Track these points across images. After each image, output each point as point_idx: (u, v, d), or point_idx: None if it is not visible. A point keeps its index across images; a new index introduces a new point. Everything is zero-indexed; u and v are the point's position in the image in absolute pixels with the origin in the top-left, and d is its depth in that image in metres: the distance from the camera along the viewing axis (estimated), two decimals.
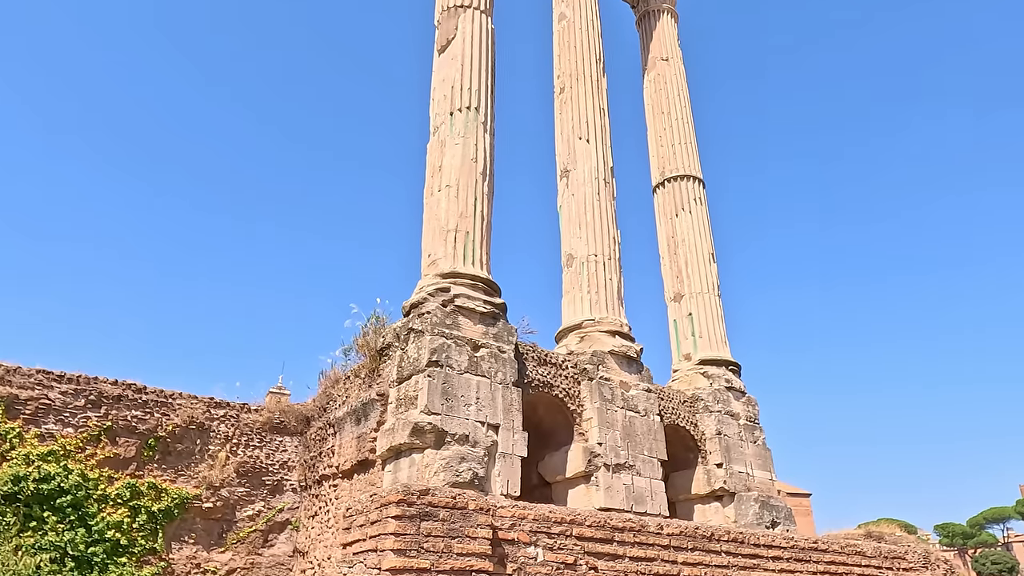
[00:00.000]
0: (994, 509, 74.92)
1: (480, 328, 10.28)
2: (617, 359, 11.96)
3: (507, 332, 10.53)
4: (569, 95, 14.30)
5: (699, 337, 14.56)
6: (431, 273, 10.68)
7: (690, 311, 14.83)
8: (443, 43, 12.47)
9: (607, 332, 12.18)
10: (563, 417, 11.30)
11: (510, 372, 10.21)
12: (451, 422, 9.21)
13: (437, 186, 11.31)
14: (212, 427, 11.30)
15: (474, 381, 9.74)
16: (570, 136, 13.96)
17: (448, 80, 12.01)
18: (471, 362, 9.84)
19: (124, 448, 10.40)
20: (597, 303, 12.48)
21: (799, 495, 49.21)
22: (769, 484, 13.47)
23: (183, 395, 11.26)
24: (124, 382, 10.78)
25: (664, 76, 16.94)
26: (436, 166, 11.51)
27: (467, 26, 12.37)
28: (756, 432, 13.90)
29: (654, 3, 17.76)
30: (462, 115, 11.66)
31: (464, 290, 10.36)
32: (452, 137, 11.51)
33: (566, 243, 13.29)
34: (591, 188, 13.34)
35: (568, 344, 12.28)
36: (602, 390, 11.32)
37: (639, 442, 11.39)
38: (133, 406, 10.66)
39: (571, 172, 13.67)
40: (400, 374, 9.77)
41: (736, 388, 14.06)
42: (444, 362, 9.53)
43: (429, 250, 11.01)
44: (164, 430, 10.79)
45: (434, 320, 9.82)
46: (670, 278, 15.48)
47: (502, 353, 10.26)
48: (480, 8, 12.64)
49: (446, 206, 11.01)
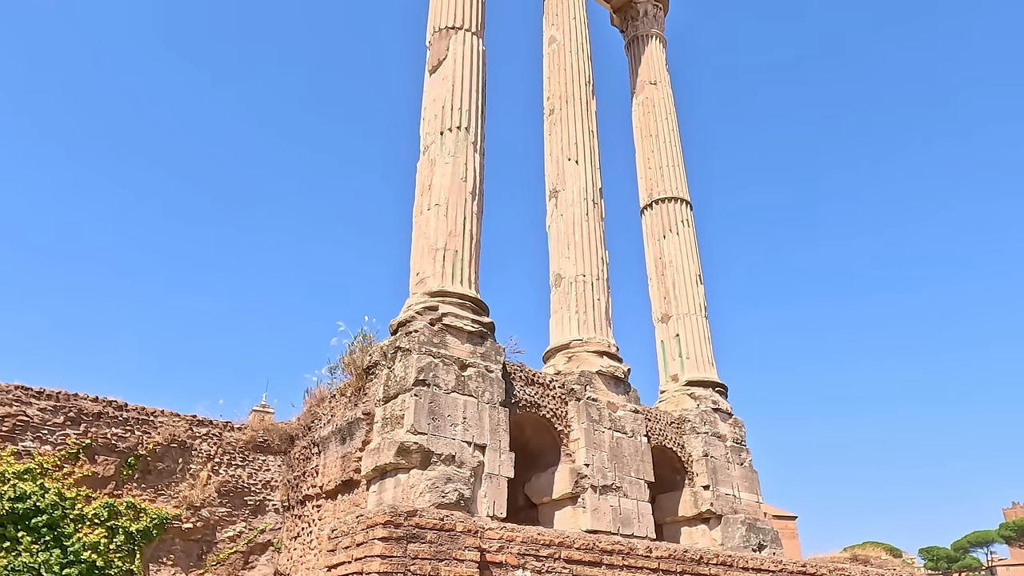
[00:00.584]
0: (978, 533, 75.24)
1: (468, 347, 10.24)
2: (605, 379, 11.94)
3: (495, 351, 10.50)
4: (559, 116, 14.44)
5: (686, 358, 14.60)
6: (419, 291, 10.65)
7: (677, 332, 14.89)
8: (434, 63, 12.57)
9: (595, 352, 12.18)
10: (550, 437, 11.24)
11: (497, 392, 10.16)
12: (437, 442, 9.13)
13: (426, 204, 11.33)
14: (194, 445, 11.12)
15: (461, 401, 9.68)
16: (559, 157, 14.07)
17: (439, 100, 12.09)
18: (458, 381, 9.79)
19: (103, 466, 10.19)
20: (585, 323, 12.50)
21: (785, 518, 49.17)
22: (756, 507, 13.44)
23: (165, 413, 11.08)
24: (105, 399, 10.59)
25: (652, 99, 17.17)
26: (426, 185, 11.53)
27: (458, 47, 12.48)
28: (743, 454, 13.90)
29: (643, 28, 18.05)
30: (452, 135, 11.72)
31: (452, 309, 10.33)
32: (442, 156, 11.56)
33: (554, 263, 13.33)
34: (580, 209, 13.42)
35: (556, 364, 12.26)
36: (589, 411, 11.29)
37: (626, 463, 11.34)
38: (113, 423, 10.47)
39: (560, 192, 13.76)
40: (386, 393, 9.69)
41: (723, 409, 14.08)
42: (431, 381, 9.47)
43: (417, 268, 11.00)
44: (145, 448, 10.59)
45: (421, 339, 9.77)
46: (657, 299, 15.55)
47: (489, 373, 10.22)
48: (471, 30, 12.78)
49: (435, 224, 11.02)
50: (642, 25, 18.08)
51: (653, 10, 18.29)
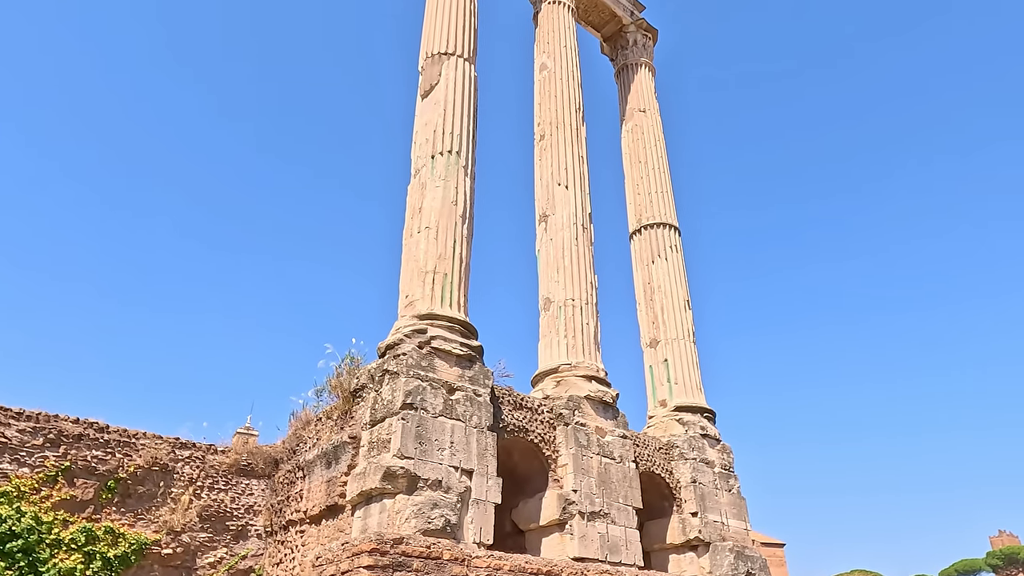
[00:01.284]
0: (965, 561, 75.04)
1: (456, 371, 10.19)
2: (593, 404, 11.91)
3: (483, 375, 10.45)
4: (549, 142, 14.57)
5: (675, 383, 14.60)
6: (408, 314, 10.62)
7: (666, 357, 14.90)
8: (426, 88, 12.68)
9: (583, 377, 12.16)
10: (538, 463, 11.15)
11: (485, 416, 10.09)
12: (424, 467, 9.03)
13: (417, 227, 11.35)
14: (176, 469, 10.93)
15: (448, 425, 9.60)
16: (549, 182, 14.17)
17: (430, 124, 12.18)
18: (446, 405, 9.72)
19: (82, 490, 9.98)
20: (574, 347, 12.49)
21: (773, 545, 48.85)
22: (744, 534, 13.36)
23: (147, 435, 10.90)
24: (86, 420, 10.42)
25: (641, 126, 17.39)
26: (416, 207, 11.56)
27: (450, 73, 12.62)
28: (731, 480, 13.85)
29: (632, 57, 18.34)
30: (443, 159, 11.79)
31: (441, 332, 10.29)
32: (433, 180, 11.61)
33: (544, 287, 13.36)
34: (569, 233, 13.49)
35: (544, 388, 12.22)
36: (578, 436, 11.23)
37: (614, 489, 11.26)
38: (94, 446, 10.28)
39: (550, 217, 13.83)
40: (373, 416, 9.60)
41: (711, 435, 14.05)
42: (419, 405, 9.40)
43: (407, 291, 10.97)
44: (125, 471, 10.40)
45: (410, 362, 9.72)
46: (646, 324, 15.58)
47: (478, 397, 10.16)
48: (464, 56, 12.93)
49: (425, 247, 11.03)
50: (631, 54, 18.38)
51: (643, 39, 18.61)
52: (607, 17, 18.57)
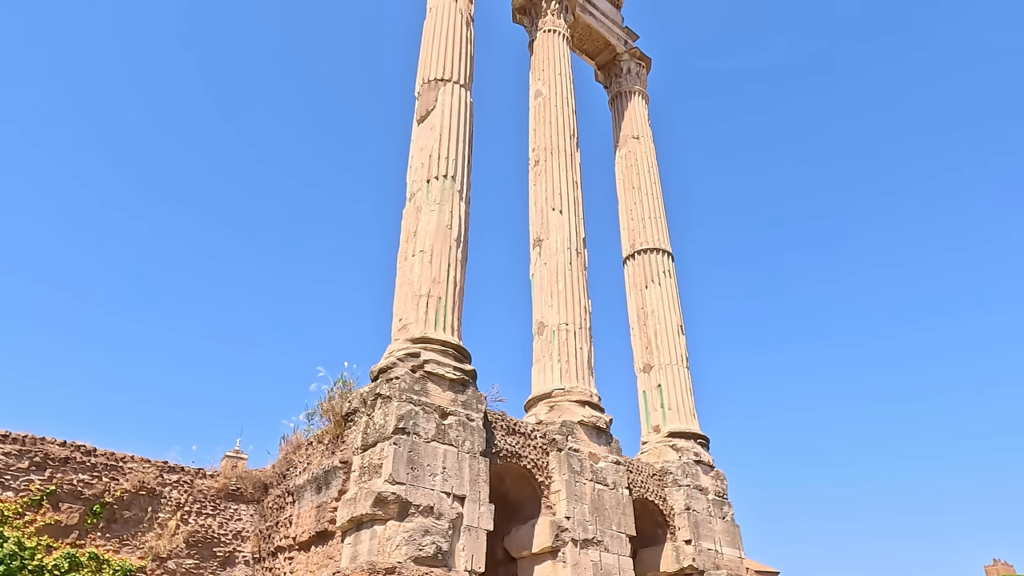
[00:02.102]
0: None
1: (449, 395, 10.14)
2: (586, 430, 11.85)
3: (476, 400, 10.40)
4: (544, 167, 14.69)
5: (668, 409, 14.55)
6: (401, 338, 10.59)
7: (659, 382, 14.88)
8: (423, 113, 12.80)
9: (577, 402, 12.11)
10: (531, 489, 11.05)
11: (478, 441, 10.02)
12: (416, 492, 8.93)
13: (411, 251, 11.37)
14: (164, 493, 10.77)
15: (441, 450, 9.52)
16: (544, 207, 14.26)
17: (426, 149, 12.27)
18: (439, 430, 9.65)
19: (67, 514, 9.81)
20: (567, 372, 12.46)
21: (767, 573, 48.32)
22: (738, 562, 13.23)
23: (135, 458, 10.76)
24: (73, 443, 10.28)
25: (635, 153, 17.57)
26: (411, 231, 11.60)
27: (446, 99, 12.75)
28: (725, 507, 13.75)
29: (626, 85, 18.59)
30: (439, 183, 11.86)
31: (434, 356, 10.26)
32: (428, 204, 11.67)
33: (538, 311, 13.36)
34: (563, 258, 13.54)
35: (537, 413, 12.16)
36: (571, 462, 11.15)
37: (608, 516, 11.15)
38: (81, 469, 10.13)
39: (544, 241, 13.89)
40: (365, 441, 9.51)
41: (705, 462, 13.98)
42: (411, 429, 9.33)
43: (400, 314, 10.95)
44: (112, 495, 10.24)
45: (402, 386, 9.67)
46: (639, 349, 15.58)
47: (470, 421, 10.10)
48: (460, 82, 13.08)
49: (419, 271, 11.04)
50: (625, 82, 18.63)
51: (636, 68, 18.89)
52: (601, 46, 18.86)
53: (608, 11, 19.11)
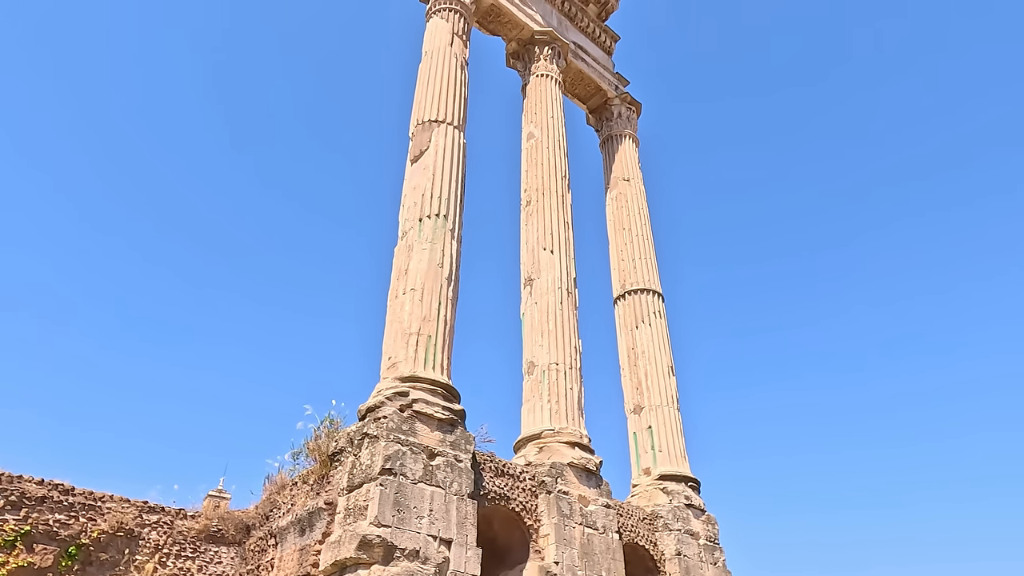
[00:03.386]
0: None
1: (437, 435, 10.02)
2: (576, 472, 11.70)
3: (465, 440, 10.28)
4: (535, 208, 14.85)
5: (659, 451, 14.42)
6: (390, 376, 10.51)
7: (650, 424, 14.78)
8: (416, 153, 12.97)
9: (566, 443, 11.99)
10: (519, 532, 10.85)
11: (466, 483, 9.86)
12: (402, 535, 8.75)
13: (402, 289, 11.38)
14: (142, 534, 10.48)
15: (428, 492, 9.37)
16: (535, 246, 14.36)
17: (419, 188, 12.39)
18: (426, 471, 9.51)
19: (41, 556, 9.51)
20: (557, 413, 12.36)
21: None
22: None
23: (114, 498, 10.50)
24: (50, 482, 10.03)
25: (625, 195, 17.80)
26: (402, 269, 11.62)
27: (440, 139, 12.94)
28: (716, 553, 13.53)
29: (616, 129, 18.95)
30: (431, 222, 11.94)
31: (423, 395, 10.17)
32: (420, 242, 11.73)
33: (528, 350, 13.32)
34: (554, 297, 13.57)
35: (527, 454, 12.02)
36: (560, 504, 10.98)
37: (597, 562, 10.94)
38: (58, 509, 9.86)
39: (535, 281, 13.94)
40: (351, 482, 9.35)
41: (696, 506, 13.80)
42: (398, 470, 9.19)
43: (390, 352, 10.90)
44: (88, 536, 9.95)
45: (390, 425, 9.55)
46: (630, 389, 15.51)
47: (458, 462, 9.96)
48: (453, 124, 13.30)
49: (410, 309, 11.03)
50: (616, 126, 18.99)
51: (627, 112, 19.28)
52: (593, 90, 19.28)
53: (599, 57, 19.59)
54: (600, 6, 19.97)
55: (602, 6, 20.01)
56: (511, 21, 17.35)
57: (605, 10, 20.15)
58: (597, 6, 19.90)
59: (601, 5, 19.97)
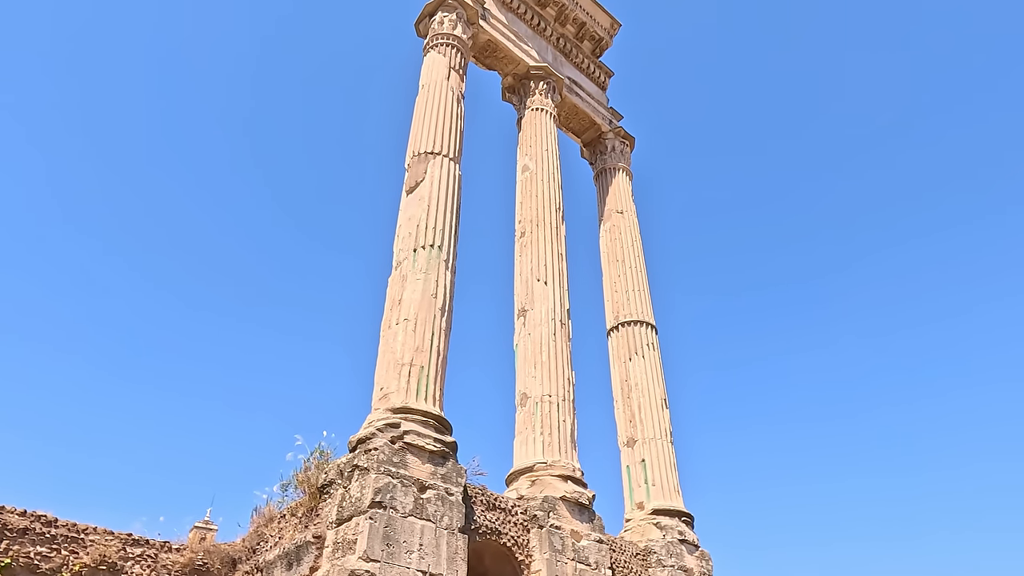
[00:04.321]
0: None
1: (429, 467, 9.91)
2: (569, 506, 11.57)
3: (456, 473, 10.17)
4: (529, 239, 14.93)
5: (652, 485, 14.29)
6: (382, 407, 10.43)
7: (643, 457, 14.67)
8: (412, 184, 13.08)
9: (559, 476, 11.88)
10: (510, 568, 10.67)
11: (457, 516, 9.73)
12: (391, 570, 8.59)
13: (395, 319, 11.36)
14: (125, 568, 10.26)
15: (418, 525, 9.23)
16: (529, 277, 14.40)
17: (414, 219, 12.47)
18: (417, 504, 9.38)
19: None
20: (550, 445, 12.27)
21: None
22: None
23: (97, 530, 10.30)
24: (33, 513, 9.84)
25: (619, 227, 17.94)
26: (396, 299, 11.63)
27: (435, 171, 13.07)
28: None
29: (610, 162, 19.19)
30: (425, 252, 11.99)
31: (415, 426, 10.09)
32: (414, 272, 11.75)
33: (521, 382, 13.27)
34: (547, 329, 13.57)
35: (519, 488, 11.89)
36: (552, 539, 10.83)
37: None
38: (39, 541, 9.66)
39: (528, 312, 13.95)
40: (340, 515, 9.21)
41: (689, 541, 13.63)
42: (388, 503, 9.06)
43: (382, 383, 10.84)
44: (70, 570, 9.73)
45: (381, 457, 9.45)
46: (623, 422, 15.43)
47: (450, 496, 9.84)
48: (449, 156, 13.45)
49: (403, 339, 11.00)
50: (610, 159, 19.23)
51: (620, 146, 19.54)
52: (587, 124, 19.56)
53: (594, 92, 19.93)
54: (594, 43, 20.38)
55: (596, 43, 20.42)
56: (507, 56, 17.66)
57: (599, 47, 20.57)
58: (592, 43, 20.31)
59: (595, 42, 20.38)
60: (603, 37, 20.43)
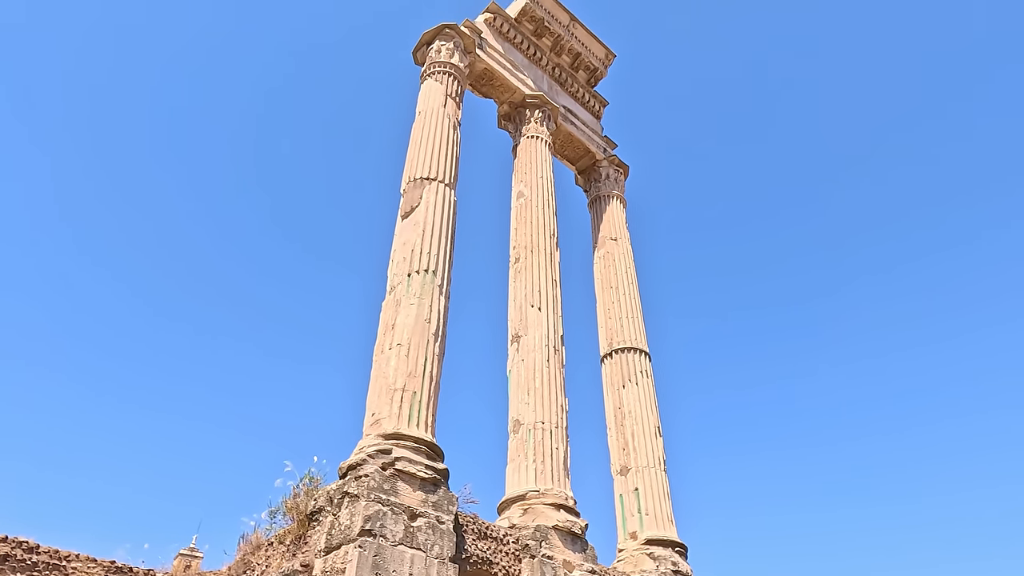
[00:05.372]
0: None
1: (420, 495, 9.79)
2: (561, 535, 11.42)
3: (447, 501, 10.04)
4: (524, 265, 14.97)
5: (645, 514, 14.14)
6: (373, 433, 10.33)
7: (636, 486, 14.53)
8: (407, 209, 13.13)
9: (552, 505, 11.75)
10: None
11: (447, 546, 9.59)
12: None
13: (388, 344, 11.31)
14: None
15: (408, 554, 9.08)
16: (523, 303, 14.41)
17: (409, 243, 12.49)
18: (407, 532, 9.24)
19: None
20: (543, 473, 12.15)
21: None
22: None
23: (80, 557, 10.10)
24: (14, 539, 9.65)
25: (613, 254, 18.02)
26: (389, 324, 11.59)
27: (431, 196, 13.14)
28: None
29: (605, 190, 19.34)
30: (419, 277, 11.99)
31: (406, 453, 9.99)
32: (408, 297, 11.74)
33: (514, 408, 13.19)
34: (541, 355, 13.54)
35: (511, 516, 11.74)
36: (544, 570, 10.66)
37: None
38: (20, 568, 9.45)
39: (522, 338, 13.93)
40: (329, 543, 9.06)
41: (683, 572, 13.44)
42: (378, 531, 8.93)
43: (373, 408, 10.75)
44: None
45: (372, 484, 9.33)
46: (616, 450, 15.32)
47: (440, 524, 9.70)
48: (445, 182, 13.53)
49: (395, 364, 10.94)
50: (604, 187, 19.39)
51: (615, 174, 19.72)
52: (581, 152, 19.76)
53: (588, 121, 20.17)
54: (589, 73, 20.69)
55: (591, 73, 20.73)
56: (503, 85, 17.89)
57: (594, 77, 20.87)
58: (587, 73, 20.62)
59: (590, 72, 20.69)
60: (598, 67, 20.74)
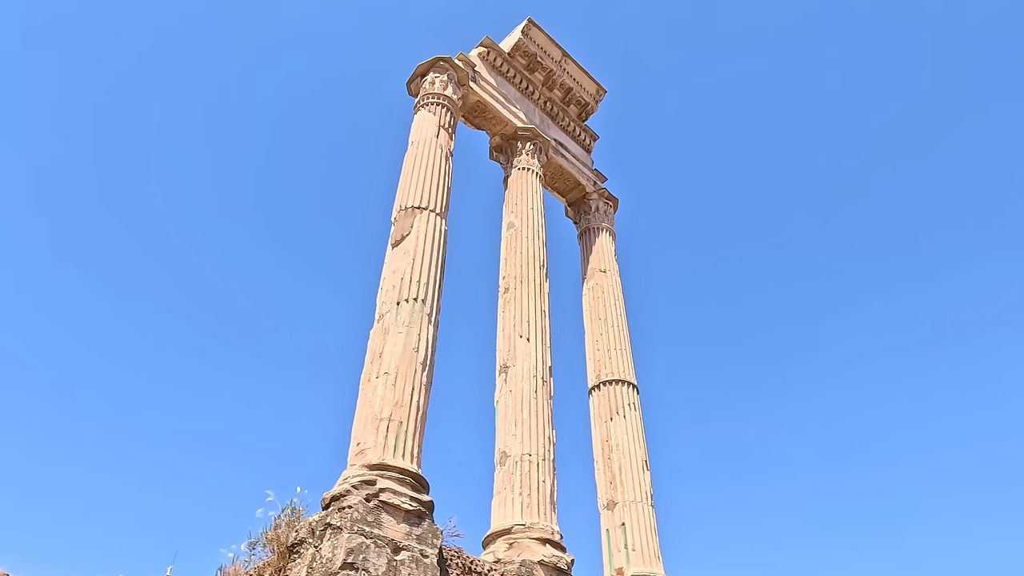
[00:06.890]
0: None
1: (404, 528, 9.61)
2: (547, 571, 11.22)
3: (432, 534, 9.86)
4: (513, 295, 14.98)
5: (632, 550, 13.94)
6: (358, 463, 10.17)
7: (623, 521, 14.35)
8: (397, 238, 13.15)
9: (538, 540, 11.56)
10: None
11: None
12: None
13: (375, 373, 11.21)
14: None
15: None
16: (511, 334, 14.37)
17: (398, 272, 12.48)
18: (390, 567, 9.04)
19: None
20: (529, 506, 11.98)
21: None
22: None
23: None
24: None
25: (602, 286, 18.08)
26: (376, 352, 11.50)
27: (421, 225, 13.17)
28: None
29: (594, 222, 19.51)
30: (408, 305, 11.95)
31: (391, 484, 9.82)
32: (396, 325, 11.68)
33: (500, 439, 13.06)
34: (529, 386, 13.46)
35: (496, 551, 11.53)
36: None
37: None
38: None
39: (510, 368, 13.86)
40: None
41: None
42: (360, 565, 8.72)
43: (359, 438, 10.60)
44: None
45: (355, 516, 9.15)
46: (603, 484, 15.16)
47: (424, 558, 9.50)
48: (435, 211, 13.59)
49: (382, 393, 10.83)
50: (594, 219, 19.56)
51: (604, 207, 19.91)
52: (572, 185, 19.96)
53: (579, 154, 20.42)
54: (580, 107, 21.02)
55: (582, 107, 21.06)
56: (495, 117, 18.12)
57: (585, 111, 21.21)
58: (578, 107, 20.94)
59: (581, 107, 21.03)
60: (589, 102, 21.09)
